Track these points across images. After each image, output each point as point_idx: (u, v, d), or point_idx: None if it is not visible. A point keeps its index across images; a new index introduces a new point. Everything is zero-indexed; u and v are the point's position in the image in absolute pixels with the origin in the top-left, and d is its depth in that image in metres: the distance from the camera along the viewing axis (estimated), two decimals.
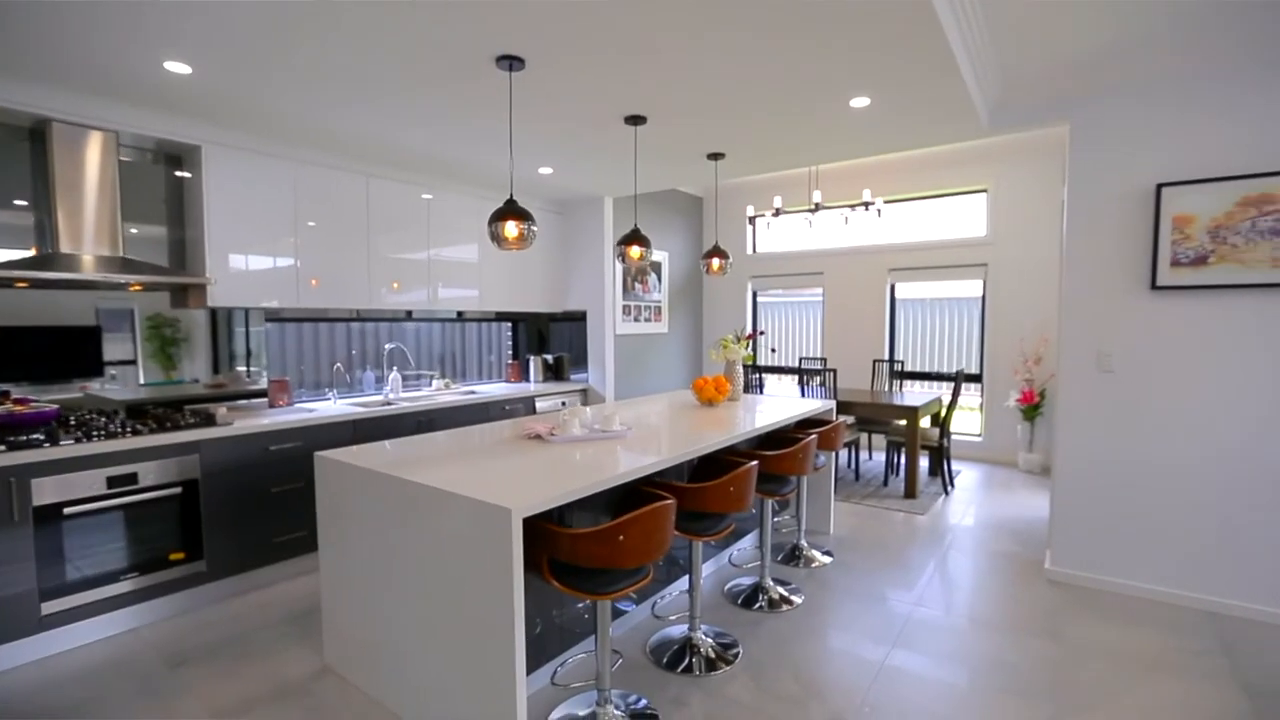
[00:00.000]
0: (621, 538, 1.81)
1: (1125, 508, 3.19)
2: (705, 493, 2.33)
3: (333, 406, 3.91)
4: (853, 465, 5.49)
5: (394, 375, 4.42)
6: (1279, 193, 2.79)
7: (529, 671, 2.35)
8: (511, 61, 2.53)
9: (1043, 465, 5.62)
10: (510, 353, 5.70)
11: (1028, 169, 5.65)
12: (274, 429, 3.31)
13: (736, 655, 2.60)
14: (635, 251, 3.28)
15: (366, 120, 3.28)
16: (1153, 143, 3.05)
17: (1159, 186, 3.01)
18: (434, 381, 4.81)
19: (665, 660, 2.56)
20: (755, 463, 2.46)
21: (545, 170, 4.38)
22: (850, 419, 5.57)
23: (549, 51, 2.47)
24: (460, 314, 5.14)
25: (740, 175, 4.63)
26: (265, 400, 3.84)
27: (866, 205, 5.37)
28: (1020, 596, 3.16)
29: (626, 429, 2.80)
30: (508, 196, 2.78)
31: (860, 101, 3.06)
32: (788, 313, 7.99)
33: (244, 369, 3.77)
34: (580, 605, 2.58)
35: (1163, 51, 2.78)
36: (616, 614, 2.80)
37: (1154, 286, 3.05)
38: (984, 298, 6.01)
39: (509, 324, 5.68)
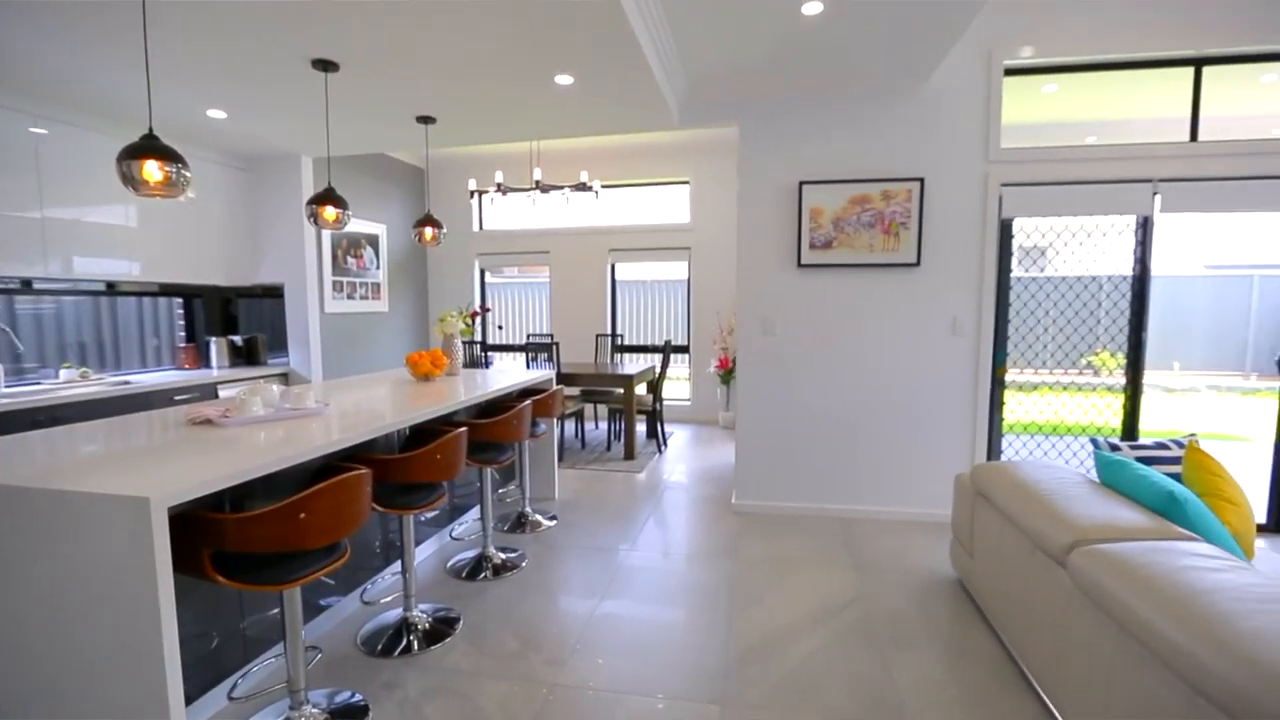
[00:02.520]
0: (304, 515, 1.63)
1: (786, 445, 3.91)
2: (411, 462, 2.23)
3: None
4: (579, 435, 5.79)
5: None
6: (872, 195, 3.66)
7: (204, 691, 2.01)
8: None
9: (736, 421, 6.62)
10: (184, 334, 4.74)
11: (720, 164, 6.51)
12: None
13: (457, 626, 2.57)
14: (330, 213, 2.96)
15: None
16: (797, 147, 3.75)
17: (801, 184, 3.72)
18: (62, 372, 3.76)
19: (380, 647, 2.41)
20: (464, 429, 2.43)
21: (217, 114, 3.70)
22: (575, 390, 5.85)
23: None
24: (111, 286, 4.10)
25: (455, 144, 4.48)
26: None
27: (585, 187, 5.65)
28: (712, 529, 3.68)
29: (323, 405, 2.54)
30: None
31: (565, 79, 3.19)
32: (519, 293, 8.06)
33: None
34: (275, 610, 2.28)
35: (801, 75, 3.42)
36: (317, 609, 2.54)
37: (799, 265, 3.77)
38: (689, 278, 6.80)
39: (180, 300, 4.71)
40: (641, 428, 6.30)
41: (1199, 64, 3.48)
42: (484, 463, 2.95)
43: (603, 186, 6.70)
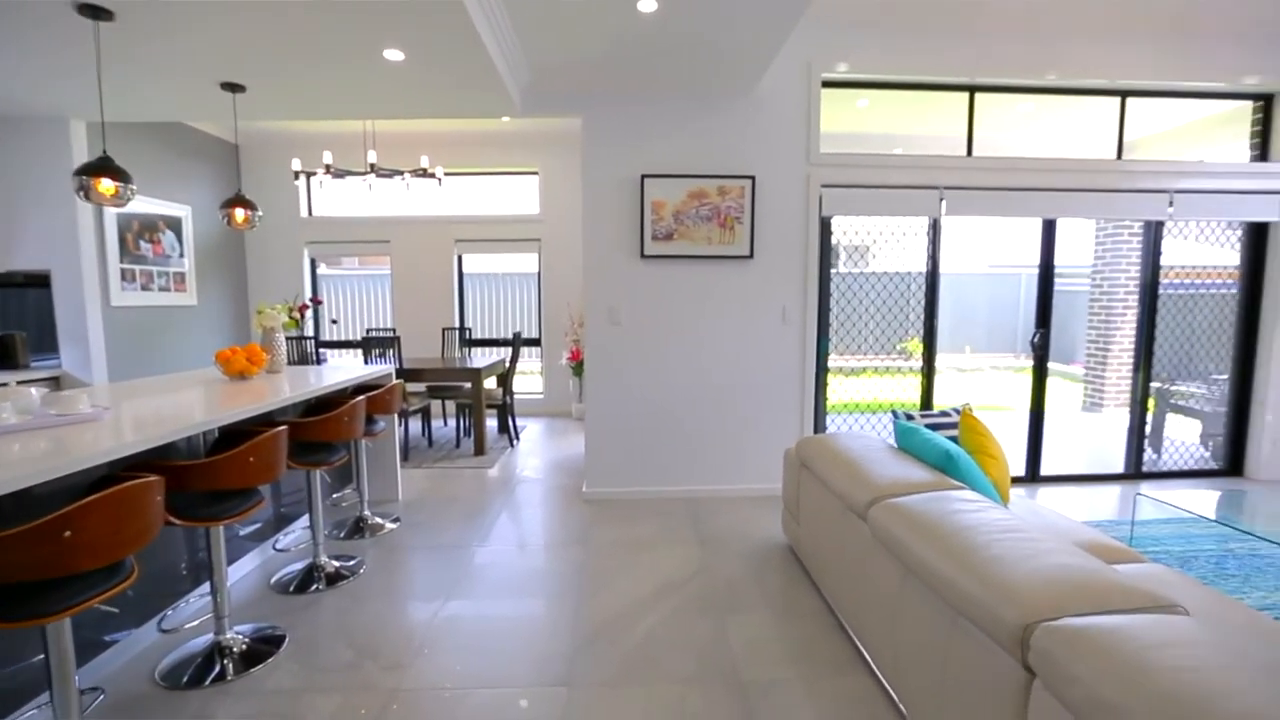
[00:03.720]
0: (69, 533, 1.40)
1: (634, 432, 4.02)
2: (218, 468, 1.99)
3: None
4: (425, 432, 5.53)
5: None
6: (709, 190, 3.86)
7: None
8: None
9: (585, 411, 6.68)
10: None
11: (569, 155, 6.51)
12: None
13: (282, 644, 2.34)
14: (106, 186, 2.54)
15: None
16: (639, 141, 3.85)
17: (643, 177, 3.82)
18: None
19: (186, 679, 2.13)
20: (284, 429, 2.22)
21: None
22: (421, 387, 5.58)
23: None
24: None
25: (272, 117, 4.06)
26: None
27: (427, 173, 5.38)
28: (564, 519, 3.69)
29: (100, 410, 2.18)
30: None
31: (395, 55, 3.01)
32: (358, 286, 7.50)
33: None
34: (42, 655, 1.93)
35: (641, 72, 3.50)
36: (100, 646, 2.19)
37: (643, 256, 3.88)
38: (539, 270, 6.73)
39: None
40: (493, 423, 6.16)
41: (973, 90, 4.08)
42: (312, 465, 2.71)
43: (447, 174, 6.43)
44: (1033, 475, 4.42)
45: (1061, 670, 1.19)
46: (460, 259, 6.76)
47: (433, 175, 5.46)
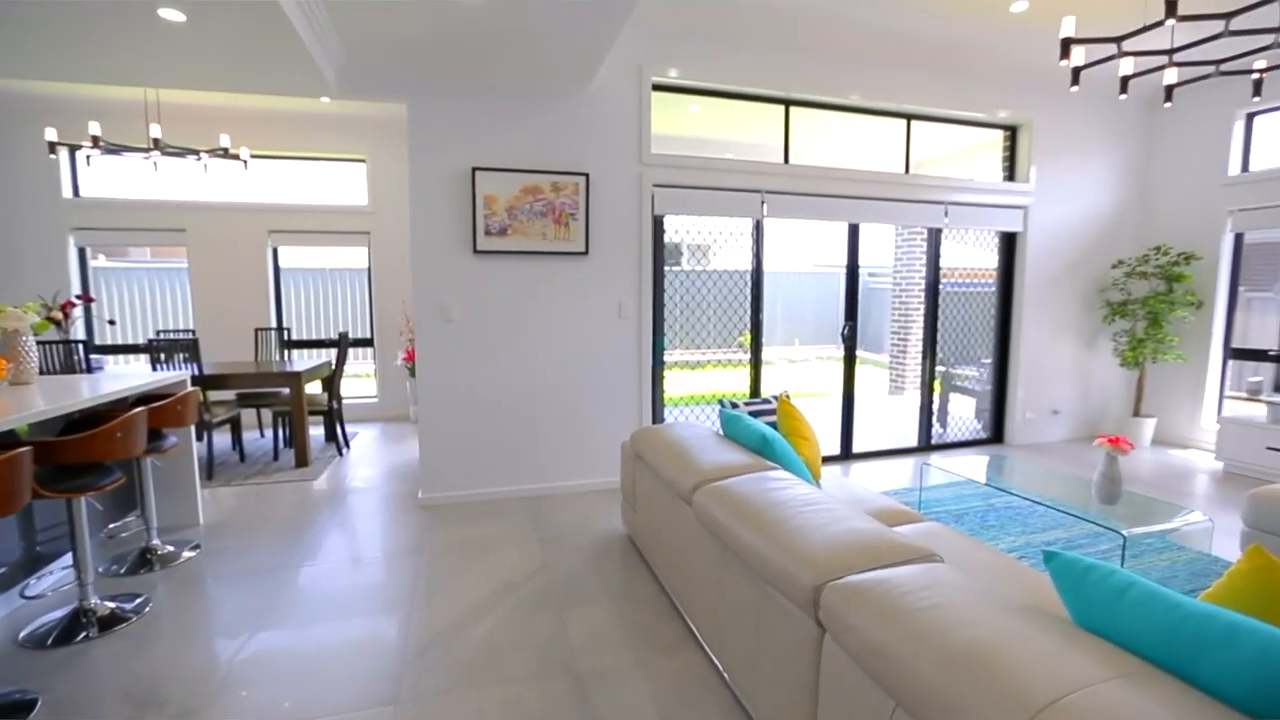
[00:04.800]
0: None
1: (472, 432, 3.89)
2: None
3: None
4: (236, 446, 4.92)
5: None
6: (543, 185, 3.83)
7: None
8: None
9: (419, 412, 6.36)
10: None
11: (401, 143, 6.12)
12: None
13: (32, 710, 1.96)
14: None
15: None
16: (471, 132, 3.72)
17: (474, 169, 3.70)
18: None
19: None
20: (25, 450, 1.85)
21: None
22: (229, 395, 4.97)
23: None
24: None
25: (15, 75, 3.37)
26: None
27: (230, 153, 4.77)
28: (398, 528, 3.47)
29: None
30: None
31: (172, 14, 2.62)
32: (148, 281, 6.50)
33: None
34: None
35: (471, 61, 3.37)
36: None
37: (475, 251, 3.76)
38: (370, 265, 6.27)
39: None
40: (319, 431, 5.64)
41: (788, 104, 4.45)
42: (73, 492, 2.29)
43: (257, 156, 5.78)
44: (846, 453, 4.94)
45: (842, 621, 1.34)
46: (276, 252, 6.10)
47: (236, 157, 4.87)
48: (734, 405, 2.97)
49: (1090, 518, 2.78)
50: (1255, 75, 3.02)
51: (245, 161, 4.90)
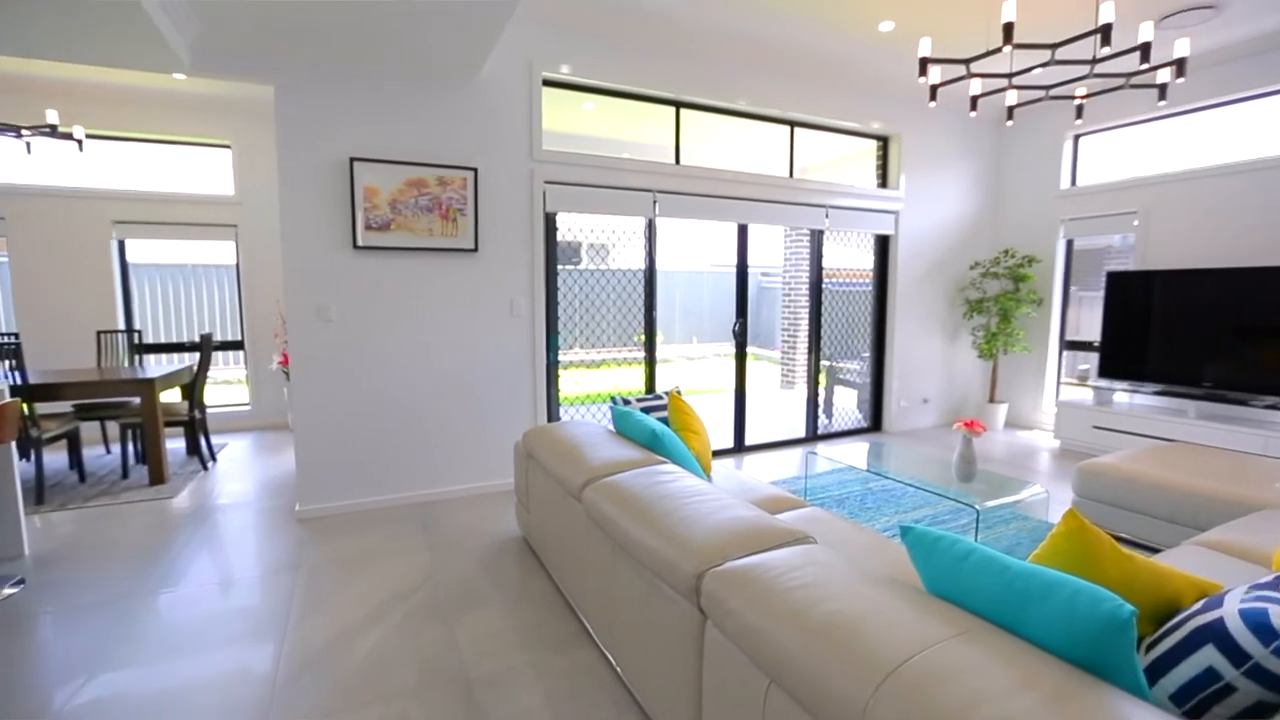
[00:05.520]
0: None
1: (355, 439, 3.67)
2: None
3: None
4: (75, 464, 4.35)
5: None
6: (429, 179, 3.67)
7: None
8: None
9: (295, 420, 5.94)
10: None
11: (273, 128, 5.66)
12: None
13: None
14: None
15: None
16: (349, 121, 3.50)
17: (352, 160, 3.49)
18: None
19: None
20: None
21: None
22: (65, 407, 4.40)
23: None
24: None
25: None
26: None
27: (60, 132, 4.21)
28: (270, 545, 3.21)
29: None
30: None
31: None
32: None
33: None
34: None
35: (349, 43, 3.16)
36: None
37: (356, 246, 3.55)
38: (238, 261, 5.76)
39: None
40: (180, 444, 5.12)
41: (679, 105, 4.54)
42: None
43: (97, 136, 5.16)
44: (740, 445, 5.13)
45: (722, 606, 1.38)
46: (123, 245, 5.47)
47: (69, 136, 4.31)
48: (626, 402, 3.00)
49: (950, 495, 3.04)
50: (1077, 101, 3.44)
51: (80, 142, 4.35)
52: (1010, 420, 6.09)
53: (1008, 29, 2.76)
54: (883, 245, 5.67)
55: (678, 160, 4.56)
